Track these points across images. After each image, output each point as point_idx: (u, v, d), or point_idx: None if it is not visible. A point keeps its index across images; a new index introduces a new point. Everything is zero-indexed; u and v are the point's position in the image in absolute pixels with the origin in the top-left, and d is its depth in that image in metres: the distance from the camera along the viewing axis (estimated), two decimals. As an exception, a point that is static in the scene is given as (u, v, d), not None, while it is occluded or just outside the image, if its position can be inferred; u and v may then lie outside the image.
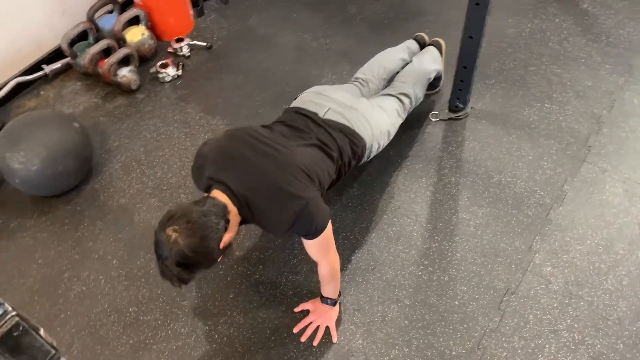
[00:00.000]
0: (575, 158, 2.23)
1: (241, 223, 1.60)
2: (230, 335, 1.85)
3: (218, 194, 1.54)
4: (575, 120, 2.36)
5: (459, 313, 1.86)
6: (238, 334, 1.85)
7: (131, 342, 1.86)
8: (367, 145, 1.90)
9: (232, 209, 1.53)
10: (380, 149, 2.05)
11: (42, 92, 2.64)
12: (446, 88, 2.44)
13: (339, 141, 1.80)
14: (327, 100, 1.91)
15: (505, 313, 1.85)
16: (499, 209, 2.10)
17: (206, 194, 1.58)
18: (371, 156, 2.01)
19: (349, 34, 2.82)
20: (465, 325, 1.83)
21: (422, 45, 2.45)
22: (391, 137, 2.08)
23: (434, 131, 2.37)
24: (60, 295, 1.97)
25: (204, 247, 1.43)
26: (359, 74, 2.26)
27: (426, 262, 1.98)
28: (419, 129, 2.38)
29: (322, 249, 1.66)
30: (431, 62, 2.32)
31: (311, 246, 1.65)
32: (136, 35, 2.64)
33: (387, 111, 2.04)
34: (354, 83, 2.21)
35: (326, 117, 1.85)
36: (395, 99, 2.13)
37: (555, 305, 1.85)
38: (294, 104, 1.94)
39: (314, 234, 1.59)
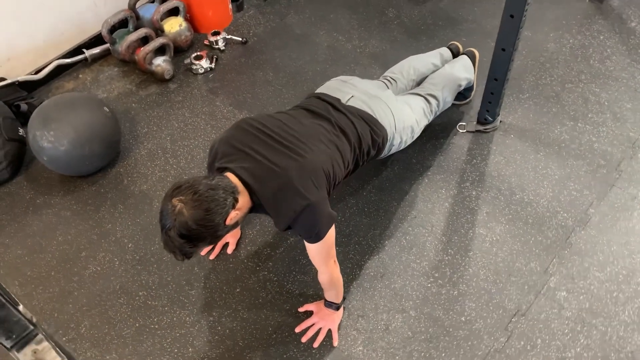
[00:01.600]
0: (605, 182, 2.15)
1: (252, 210, 1.59)
2: (233, 328, 1.87)
3: (229, 176, 1.54)
4: (609, 142, 2.27)
5: (465, 329, 1.82)
6: (240, 328, 1.87)
7: (137, 325, 1.90)
8: (389, 136, 1.89)
9: (243, 191, 1.52)
10: (403, 146, 2.03)
11: (80, 75, 2.73)
12: (477, 100, 2.39)
13: (358, 128, 1.78)
14: (352, 88, 1.91)
15: (512, 334, 1.80)
16: (518, 228, 2.05)
17: None
18: (392, 151, 2.00)
19: (384, 38, 2.79)
20: (469, 343, 1.79)
21: (456, 54, 2.41)
22: (415, 135, 2.06)
23: (459, 142, 2.33)
24: (75, 273, 2.03)
25: (208, 220, 1.41)
26: (388, 72, 2.26)
27: (436, 275, 1.95)
28: (444, 138, 2.34)
29: (322, 255, 1.65)
30: (462, 70, 2.28)
31: (312, 250, 1.65)
32: (174, 26, 2.70)
33: (412, 107, 2.03)
34: (382, 80, 2.20)
35: (349, 103, 1.85)
36: (422, 98, 2.11)
37: (566, 331, 1.79)
38: (319, 90, 1.94)
39: (315, 237, 1.58)
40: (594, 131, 2.31)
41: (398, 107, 1.94)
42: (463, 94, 2.42)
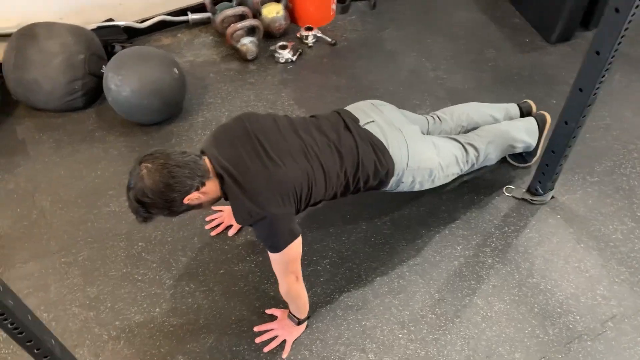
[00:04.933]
0: (641, 299, 1.89)
1: (223, 198, 1.62)
2: (201, 305, 1.93)
3: (206, 160, 1.58)
4: (667, 258, 1.99)
5: (414, 393, 1.72)
6: (208, 308, 1.92)
7: (124, 270, 2.03)
8: (396, 171, 1.80)
9: (214, 179, 1.56)
10: (417, 187, 1.93)
11: (178, 35, 2.93)
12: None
13: (361, 152, 1.72)
14: (377, 114, 1.86)
15: (461, 418, 1.67)
16: (519, 312, 1.88)
17: None
18: (401, 188, 1.90)
19: (471, 77, 2.67)
20: (413, 408, 1.69)
21: (526, 114, 2.23)
22: (438, 181, 1.95)
23: (499, 205, 2.17)
24: (96, 207, 2.22)
25: (164, 194, 1.47)
26: (440, 111, 2.16)
27: (412, 328, 1.85)
28: (485, 196, 2.20)
29: (279, 267, 1.64)
30: (522, 131, 2.11)
31: (271, 259, 1.65)
32: (272, 11, 2.79)
33: (440, 151, 1.92)
34: (427, 116, 2.11)
35: (366, 127, 1.80)
36: (459, 145, 1.99)
37: None
38: (347, 107, 1.91)
39: (272, 248, 1.59)
40: (654, 241, 2.04)
41: (418, 145, 1.85)
42: (524, 157, 2.25)
